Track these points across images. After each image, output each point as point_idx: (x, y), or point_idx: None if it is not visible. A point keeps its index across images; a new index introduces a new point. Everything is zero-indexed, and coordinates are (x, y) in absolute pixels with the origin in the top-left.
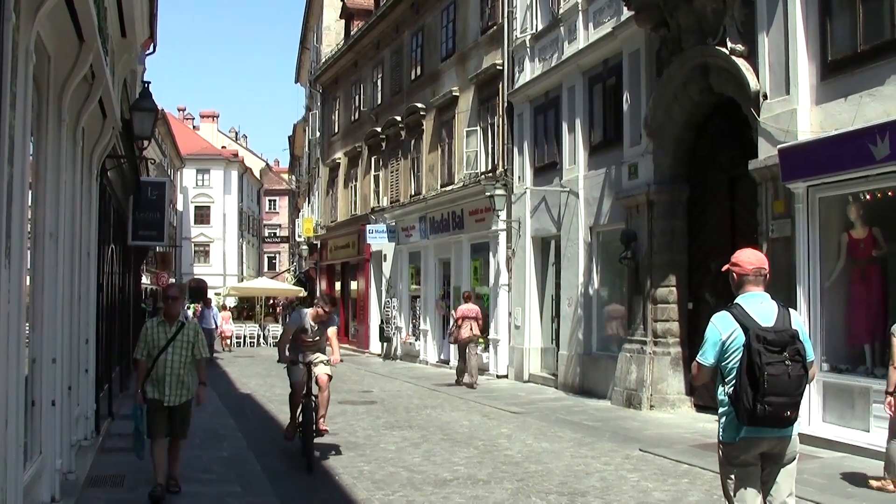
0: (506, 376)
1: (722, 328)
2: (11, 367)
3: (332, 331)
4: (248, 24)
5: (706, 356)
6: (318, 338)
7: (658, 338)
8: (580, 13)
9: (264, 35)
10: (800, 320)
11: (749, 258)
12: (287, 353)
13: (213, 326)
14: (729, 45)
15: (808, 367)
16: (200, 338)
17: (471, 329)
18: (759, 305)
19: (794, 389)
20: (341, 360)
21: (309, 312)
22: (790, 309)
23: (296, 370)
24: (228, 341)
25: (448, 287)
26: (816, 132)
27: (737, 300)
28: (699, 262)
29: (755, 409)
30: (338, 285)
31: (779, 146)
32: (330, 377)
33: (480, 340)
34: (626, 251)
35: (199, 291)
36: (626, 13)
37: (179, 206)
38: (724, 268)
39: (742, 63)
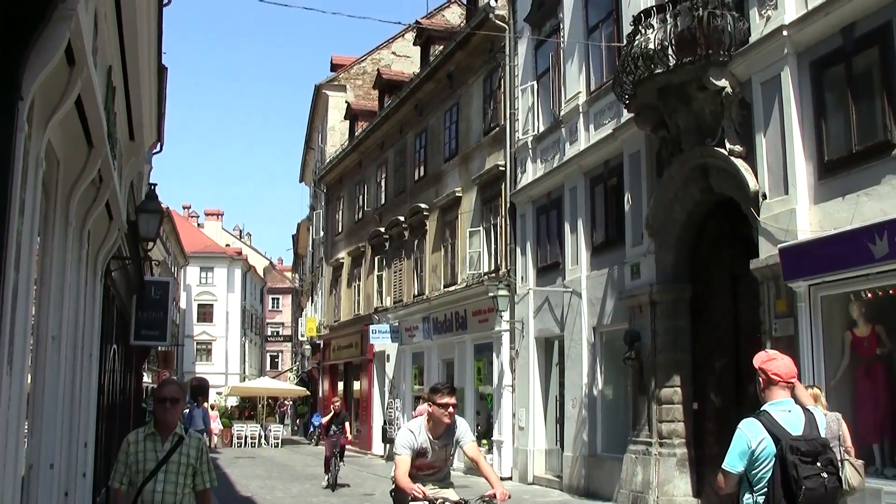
0: (510, 478)
1: (751, 436)
2: (8, 474)
3: (470, 446)
4: (254, 123)
5: (734, 464)
6: (443, 460)
7: (663, 439)
8: (581, 115)
9: (270, 135)
10: (824, 419)
11: (780, 369)
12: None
13: (202, 427)
14: (727, 145)
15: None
16: (205, 458)
17: None
18: (787, 413)
19: (830, 501)
20: (509, 496)
21: (422, 424)
22: (814, 411)
23: None
24: (216, 438)
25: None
26: (816, 231)
27: (764, 407)
28: (703, 361)
29: None
30: (340, 385)
31: (779, 245)
32: None
33: (484, 442)
34: (630, 351)
35: (200, 390)
36: (626, 115)
37: (182, 304)
38: (758, 364)
39: (741, 164)
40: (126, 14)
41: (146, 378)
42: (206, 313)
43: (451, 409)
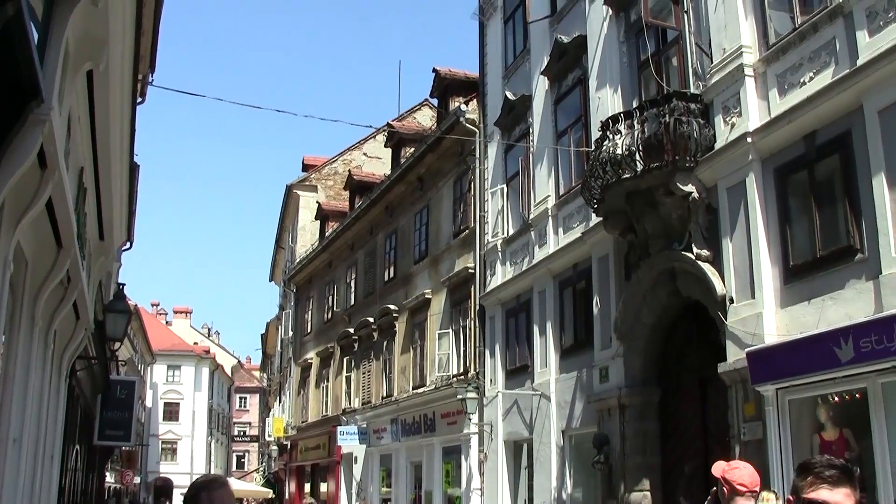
0: None
1: None
2: None
3: None
4: (225, 221)
5: None
6: None
7: None
8: (550, 218)
9: (240, 233)
10: None
11: (744, 478)
12: None
13: None
14: (695, 250)
15: None
16: None
17: None
18: None
19: None
20: None
21: None
22: None
23: None
24: None
25: (420, 490)
26: (783, 335)
27: None
28: (673, 464)
29: None
30: (307, 487)
31: (746, 350)
32: None
33: None
34: (599, 455)
35: (164, 491)
36: (595, 219)
37: (148, 403)
38: (720, 474)
39: (708, 268)
40: (99, 114)
41: (109, 478)
42: (172, 412)
43: None
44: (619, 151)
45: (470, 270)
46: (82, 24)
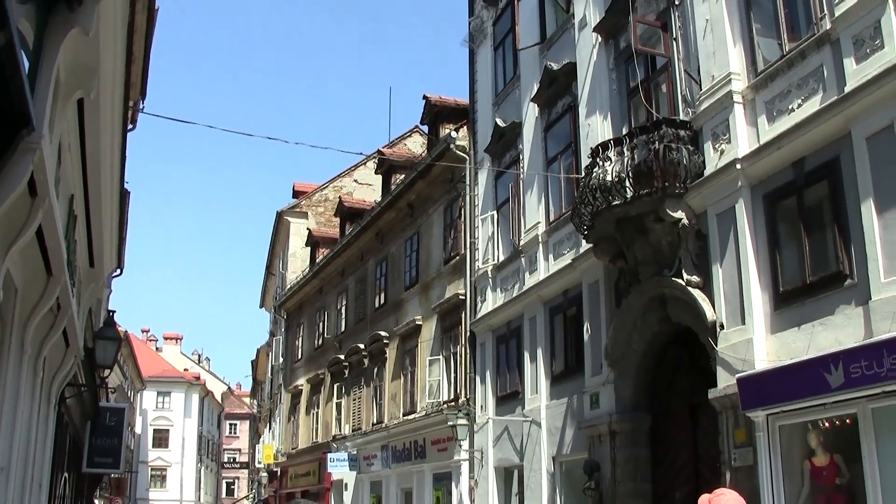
0: None
1: None
2: None
3: None
4: (216, 247)
5: None
6: None
7: None
8: (540, 245)
9: (231, 259)
10: None
11: None
12: None
13: None
14: (685, 276)
15: None
16: None
17: None
18: None
19: None
20: None
21: None
22: None
23: None
24: None
25: None
26: (773, 361)
27: None
28: (664, 490)
29: None
30: None
31: (737, 375)
32: None
33: None
34: (590, 481)
35: None
36: (585, 245)
37: (138, 429)
38: (706, 502)
39: (698, 294)
40: (90, 141)
41: None
42: (161, 439)
43: None
44: (608, 178)
45: (460, 297)
46: (73, 52)
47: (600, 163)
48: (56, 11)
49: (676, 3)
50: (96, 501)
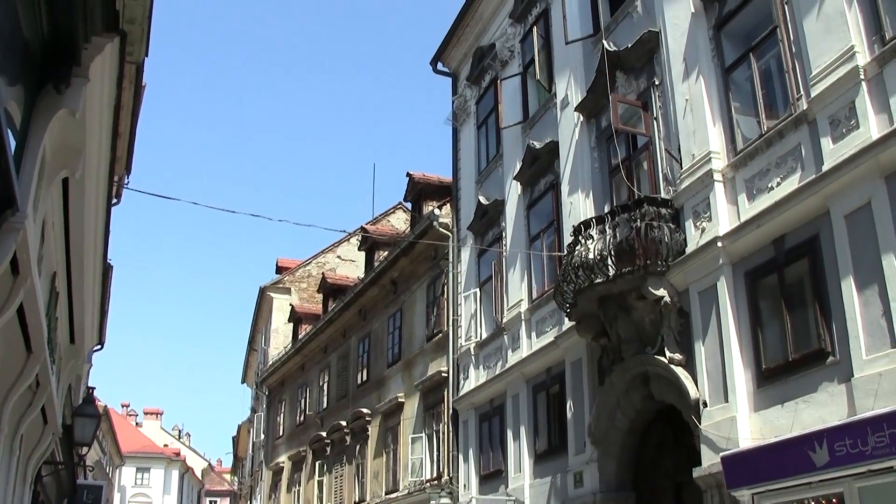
0: None
1: None
2: None
3: None
4: (198, 323)
5: None
6: None
7: None
8: (523, 322)
9: (213, 334)
10: None
11: None
12: None
13: None
14: (667, 354)
15: None
16: None
17: None
18: None
19: None
20: None
21: None
22: None
23: None
24: None
25: None
26: (757, 439)
27: None
28: None
29: None
30: None
31: (721, 454)
32: None
33: None
34: None
35: None
36: (568, 323)
37: None
38: None
39: (681, 371)
40: (74, 218)
41: None
42: None
43: None
44: (591, 256)
45: (443, 374)
46: (60, 133)
47: (582, 241)
48: (44, 93)
49: (656, 83)
50: None
